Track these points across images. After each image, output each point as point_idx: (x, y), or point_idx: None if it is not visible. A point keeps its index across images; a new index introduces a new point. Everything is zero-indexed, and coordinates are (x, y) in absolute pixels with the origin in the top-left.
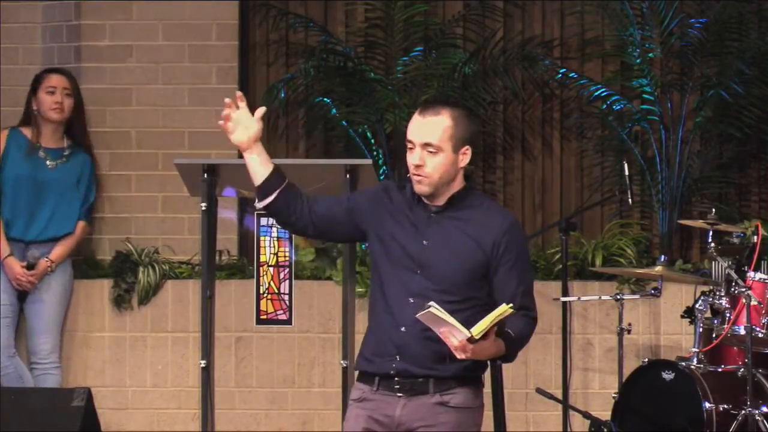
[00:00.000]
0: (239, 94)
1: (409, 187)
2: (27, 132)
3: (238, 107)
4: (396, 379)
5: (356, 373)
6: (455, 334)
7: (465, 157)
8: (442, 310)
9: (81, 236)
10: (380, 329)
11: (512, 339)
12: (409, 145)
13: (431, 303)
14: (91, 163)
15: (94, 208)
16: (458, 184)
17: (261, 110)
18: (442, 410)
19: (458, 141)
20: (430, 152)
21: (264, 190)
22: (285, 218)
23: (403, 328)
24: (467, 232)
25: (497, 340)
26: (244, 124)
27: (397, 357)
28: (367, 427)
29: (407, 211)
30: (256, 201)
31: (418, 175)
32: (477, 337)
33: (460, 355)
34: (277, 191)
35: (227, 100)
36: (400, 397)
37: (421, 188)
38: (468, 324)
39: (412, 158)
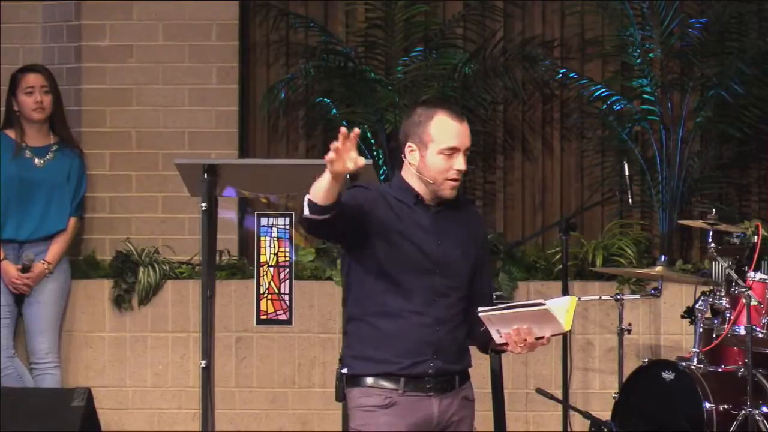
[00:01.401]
0: (357, 131)
1: (396, 188)
2: (11, 133)
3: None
4: (426, 378)
5: (366, 377)
6: (548, 330)
7: None
8: (559, 307)
9: (73, 233)
10: (405, 330)
11: None
12: (449, 152)
13: (545, 301)
14: (79, 158)
15: (85, 203)
16: None
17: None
18: (465, 404)
19: None
20: (466, 155)
21: (326, 209)
22: (327, 231)
23: (438, 327)
24: (465, 229)
25: None
26: (348, 157)
27: (434, 356)
28: None
29: (408, 213)
30: (308, 213)
31: (458, 180)
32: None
33: (524, 351)
34: (334, 212)
35: (345, 131)
36: (431, 396)
37: (454, 193)
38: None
39: (458, 164)
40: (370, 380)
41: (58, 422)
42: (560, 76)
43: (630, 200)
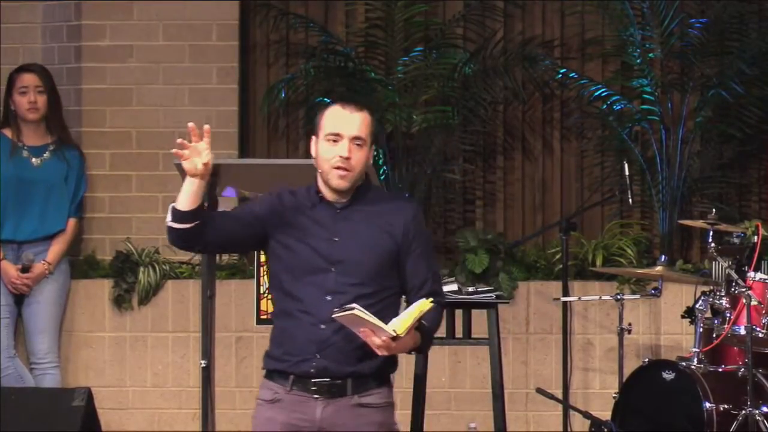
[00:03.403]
0: (207, 128)
1: (308, 189)
2: (8, 133)
3: (201, 139)
4: (313, 380)
5: (267, 372)
6: (378, 333)
7: (371, 153)
8: (365, 312)
9: (73, 233)
10: (296, 329)
11: (427, 330)
12: (334, 138)
13: (354, 305)
14: (78, 158)
15: (84, 203)
16: (360, 180)
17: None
18: (364, 411)
19: (373, 137)
20: (357, 145)
21: (186, 216)
22: (189, 242)
23: (323, 326)
24: (376, 223)
25: (414, 332)
26: (200, 154)
27: (317, 355)
28: None
29: (309, 213)
30: (169, 220)
31: (344, 169)
32: (402, 335)
33: (382, 353)
34: (195, 223)
35: (193, 126)
36: (317, 398)
37: (342, 183)
38: (384, 317)
39: (341, 150)
40: (269, 375)
41: (58, 422)
42: (560, 76)
43: (630, 200)
